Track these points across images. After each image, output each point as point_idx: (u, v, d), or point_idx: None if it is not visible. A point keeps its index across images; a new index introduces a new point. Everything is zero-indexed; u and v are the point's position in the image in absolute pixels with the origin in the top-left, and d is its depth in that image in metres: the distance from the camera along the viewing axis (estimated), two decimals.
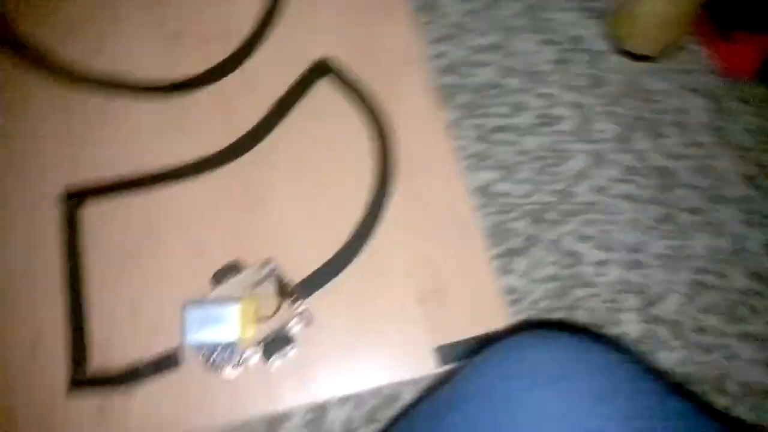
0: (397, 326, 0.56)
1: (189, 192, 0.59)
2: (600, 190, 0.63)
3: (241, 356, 0.53)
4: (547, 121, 0.64)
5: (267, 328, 0.54)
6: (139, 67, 0.63)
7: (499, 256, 0.60)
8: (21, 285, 0.57)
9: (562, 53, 0.66)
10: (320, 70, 0.62)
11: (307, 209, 0.59)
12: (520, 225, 0.62)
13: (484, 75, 0.65)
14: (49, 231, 0.58)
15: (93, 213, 0.58)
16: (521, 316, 0.59)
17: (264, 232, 0.58)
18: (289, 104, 0.61)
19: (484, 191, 0.62)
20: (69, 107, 0.62)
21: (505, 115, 0.64)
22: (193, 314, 0.52)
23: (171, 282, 0.57)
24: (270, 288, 0.55)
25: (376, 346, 0.56)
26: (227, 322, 0.52)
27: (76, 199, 0.58)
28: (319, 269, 0.57)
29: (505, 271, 0.60)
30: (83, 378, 0.54)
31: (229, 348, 0.53)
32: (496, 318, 0.57)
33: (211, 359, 0.53)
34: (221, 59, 0.63)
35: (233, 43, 0.63)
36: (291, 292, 0.55)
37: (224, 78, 0.63)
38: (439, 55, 0.65)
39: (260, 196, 0.59)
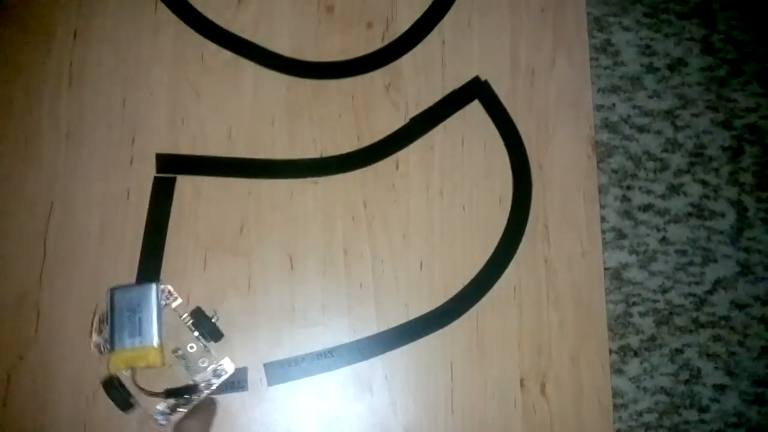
0: (489, 405, 0.50)
1: (297, 193, 0.52)
2: (740, 306, 0.55)
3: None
4: (700, 213, 0.56)
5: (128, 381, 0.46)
6: (278, 33, 0.55)
7: (613, 351, 0.53)
8: (92, 249, 0.50)
9: (735, 141, 0.58)
10: (474, 90, 0.55)
11: (420, 246, 0.52)
12: (645, 323, 0.55)
13: (646, 142, 0.57)
14: (134, 196, 0.51)
15: (185, 189, 0.51)
16: (621, 426, 0.53)
17: (364, 260, 0.51)
18: (433, 120, 0.54)
19: (615, 274, 0.55)
20: (198, 55, 0.55)
21: (656, 195, 0.56)
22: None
23: (255, 290, 0.50)
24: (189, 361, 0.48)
25: (461, 421, 0.50)
26: (138, 330, 0.46)
27: (171, 168, 0.51)
28: (418, 318, 0.51)
29: (616, 370, 0.53)
30: None
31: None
32: (599, 423, 0.50)
33: (100, 327, 0.47)
34: (370, 50, 0.55)
35: (388, 35, 0.56)
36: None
37: (368, 72, 0.55)
38: (602, 107, 0.57)
39: (370, 218, 0.52)
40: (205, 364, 0.48)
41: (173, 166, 0.52)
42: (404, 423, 0.50)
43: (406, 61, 0.56)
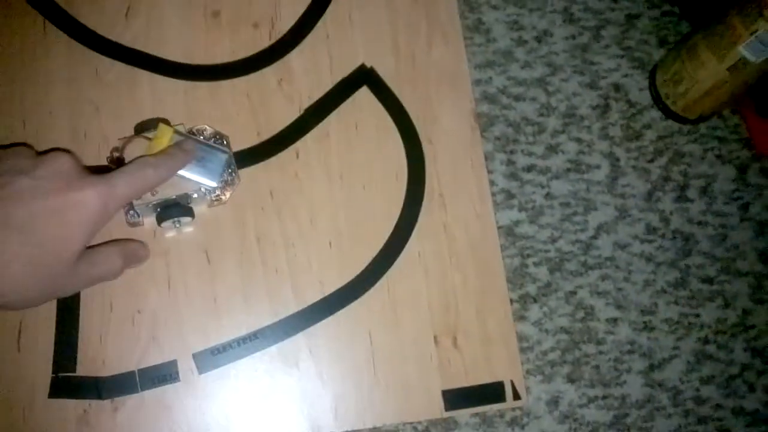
0: (408, 364, 0.54)
1: None
2: (621, 246, 0.62)
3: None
4: (578, 167, 0.62)
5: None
6: (168, 42, 0.58)
7: (515, 300, 0.59)
8: None
9: (602, 99, 0.64)
10: (361, 78, 0.59)
11: (327, 227, 0.56)
12: (540, 271, 0.60)
13: (522, 110, 0.63)
14: None
15: None
16: (529, 366, 0.58)
17: (277, 246, 0.55)
18: (326, 109, 0.58)
19: (508, 231, 0.60)
20: (92, 71, 0.56)
21: (537, 155, 0.62)
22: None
23: (176, 287, 0.53)
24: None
25: (384, 381, 0.54)
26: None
27: None
28: (333, 293, 0.54)
29: (519, 317, 0.59)
30: (68, 380, 0.50)
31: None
32: (508, 366, 0.55)
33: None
34: (258, 49, 0.58)
35: (274, 33, 0.59)
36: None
37: (259, 70, 0.58)
38: (480, 82, 0.62)
39: (278, 206, 0.55)
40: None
41: None
42: (332, 391, 0.53)
43: (294, 56, 0.59)
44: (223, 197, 0.54)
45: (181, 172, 0.50)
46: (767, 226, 0.64)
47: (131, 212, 0.52)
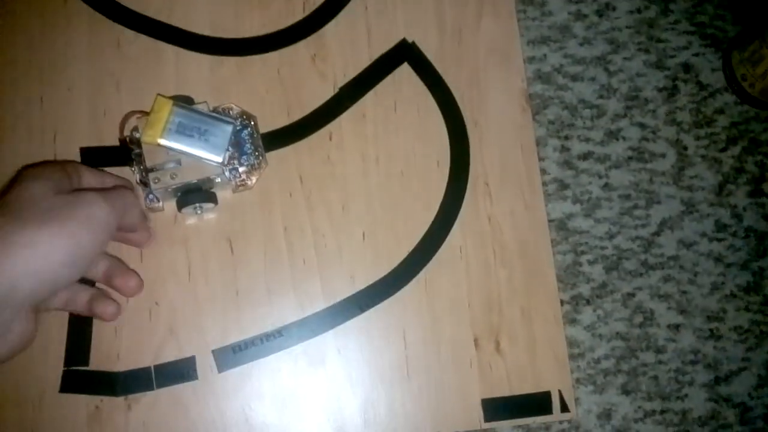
0: (445, 368, 0.50)
1: None
2: (687, 244, 0.56)
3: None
4: (640, 156, 0.56)
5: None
6: (195, 13, 0.54)
7: (565, 302, 0.53)
8: None
9: (669, 81, 0.58)
10: (402, 53, 0.54)
11: (361, 217, 0.51)
12: (594, 270, 0.55)
13: (580, 91, 0.57)
14: None
15: None
16: (580, 375, 0.53)
17: (306, 236, 0.50)
18: (362, 88, 0.53)
19: (560, 225, 0.55)
20: (115, 44, 0.53)
21: (595, 142, 0.56)
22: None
23: (196, 278, 0.49)
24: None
25: (418, 387, 0.50)
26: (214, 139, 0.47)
27: (96, 160, 0.50)
28: (365, 289, 0.50)
29: (570, 320, 0.53)
30: (80, 375, 0.47)
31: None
32: (556, 375, 0.50)
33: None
34: (291, 21, 0.54)
35: (308, 5, 0.55)
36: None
37: (291, 45, 0.53)
38: (533, 60, 0.57)
39: (308, 193, 0.51)
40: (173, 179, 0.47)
41: (98, 158, 0.50)
42: (361, 394, 0.49)
43: (329, 29, 0.54)
44: (248, 182, 0.50)
45: (183, 149, 0.46)
46: None
47: (150, 196, 0.48)
